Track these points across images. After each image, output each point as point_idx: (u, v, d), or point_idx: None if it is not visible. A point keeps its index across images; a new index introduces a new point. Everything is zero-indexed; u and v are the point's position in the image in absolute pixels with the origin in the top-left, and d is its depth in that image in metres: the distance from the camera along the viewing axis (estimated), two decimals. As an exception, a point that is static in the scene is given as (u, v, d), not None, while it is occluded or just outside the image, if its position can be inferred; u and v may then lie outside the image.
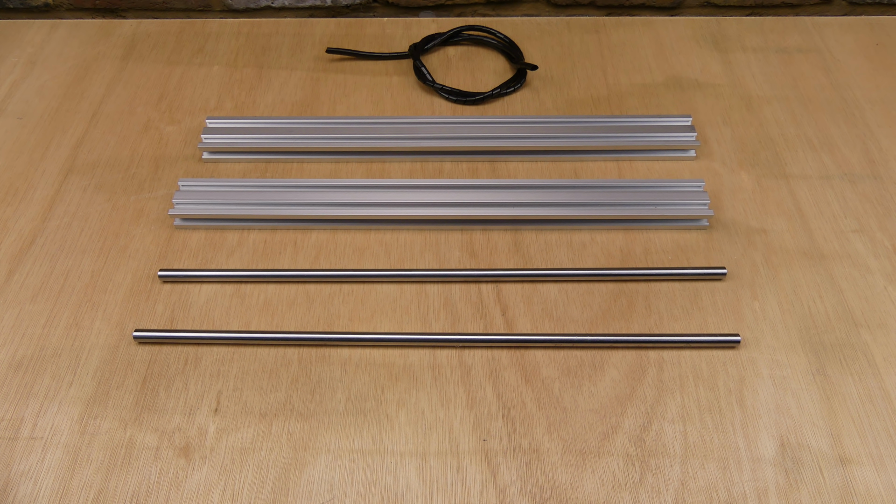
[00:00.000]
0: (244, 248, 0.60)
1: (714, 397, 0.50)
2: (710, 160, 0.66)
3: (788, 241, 0.59)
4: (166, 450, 0.48)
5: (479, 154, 0.66)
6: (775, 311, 0.55)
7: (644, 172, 0.65)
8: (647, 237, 0.60)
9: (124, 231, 0.61)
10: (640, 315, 0.55)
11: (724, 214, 0.61)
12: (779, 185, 0.64)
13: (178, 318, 0.55)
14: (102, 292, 0.57)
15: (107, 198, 0.64)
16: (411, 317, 0.55)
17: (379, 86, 0.74)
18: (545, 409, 0.50)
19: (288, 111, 0.71)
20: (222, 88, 0.74)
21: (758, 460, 0.47)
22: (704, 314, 0.55)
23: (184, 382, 0.52)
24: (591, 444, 0.48)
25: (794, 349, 0.53)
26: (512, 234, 0.60)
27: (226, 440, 0.49)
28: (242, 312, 0.55)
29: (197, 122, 0.70)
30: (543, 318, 0.55)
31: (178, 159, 0.67)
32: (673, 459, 0.47)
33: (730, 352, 0.53)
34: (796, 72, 0.74)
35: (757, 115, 0.70)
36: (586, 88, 0.73)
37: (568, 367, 0.52)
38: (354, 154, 0.67)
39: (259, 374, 0.52)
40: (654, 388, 0.51)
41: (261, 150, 0.66)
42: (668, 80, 0.74)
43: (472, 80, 0.75)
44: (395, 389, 0.51)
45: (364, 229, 0.61)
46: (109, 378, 0.52)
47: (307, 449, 0.48)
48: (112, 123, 0.70)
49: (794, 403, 0.50)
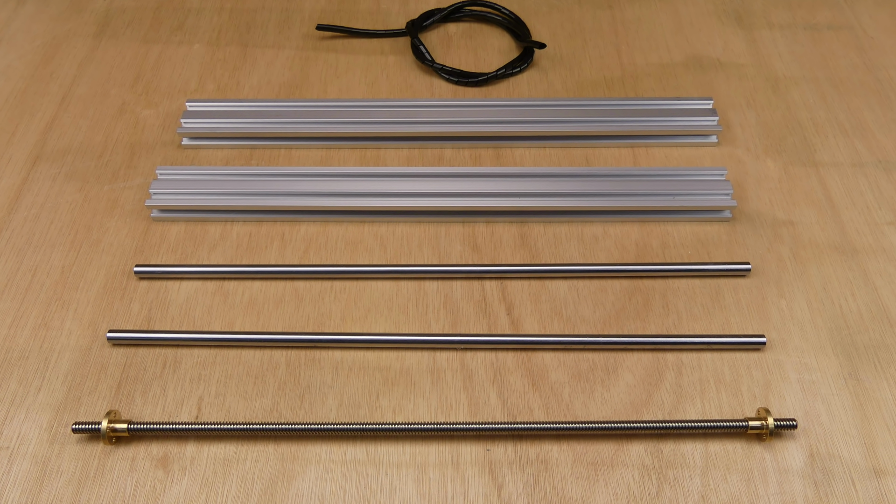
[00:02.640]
0: (227, 242, 0.60)
1: (737, 403, 0.50)
2: (733, 146, 0.66)
3: (818, 234, 0.59)
4: (143, 460, 0.48)
5: (483, 140, 0.66)
6: (804, 310, 0.55)
7: (661, 160, 0.65)
8: (665, 230, 0.60)
9: (97, 223, 0.61)
10: (656, 314, 0.55)
11: (748, 205, 0.61)
12: (807, 174, 0.64)
13: (156, 318, 0.55)
14: (73, 290, 0.57)
15: (78, 187, 0.63)
16: (408, 316, 0.55)
17: (373, 66, 0.74)
18: (554, 416, 0.50)
19: (275, 93, 0.71)
20: (203, 69, 0.73)
21: (785, 472, 0.47)
22: (727, 313, 0.55)
23: (162, 387, 0.52)
24: (603, 455, 0.48)
25: (824, 351, 0.53)
26: (518, 227, 0.60)
27: (207, 450, 0.49)
28: (225, 311, 0.56)
29: (176, 105, 0.70)
30: (552, 318, 0.55)
31: (156, 145, 0.67)
32: (693, 471, 0.47)
33: (754, 354, 0.53)
34: (827, 50, 0.74)
35: (784, 97, 0.70)
36: (598, 69, 0.73)
37: (579, 371, 0.52)
38: (347, 140, 0.67)
39: (243, 378, 0.52)
40: (673, 394, 0.51)
41: (245, 136, 0.66)
42: (687, 60, 0.74)
43: (475, 59, 0.74)
44: (390, 395, 0.51)
45: (357, 221, 0.61)
46: (81, 383, 0.52)
47: (295, 460, 0.48)
48: (84, 107, 0.70)
49: (825, 410, 0.50)
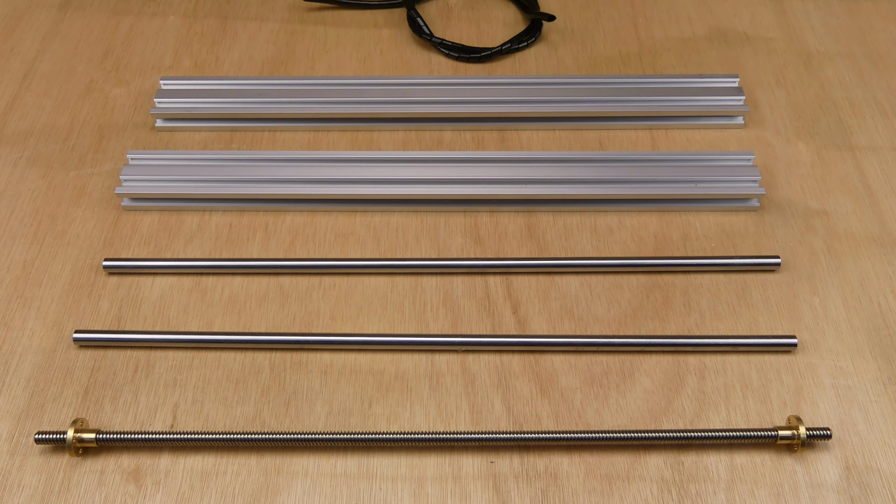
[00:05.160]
0: (205, 234, 0.60)
1: (766, 411, 0.50)
2: (762, 129, 0.66)
3: (855, 224, 0.59)
4: (112, 473, 0.48)
5: (486, 122, 0.67)
6: (839, 309, 0.55)
7: (682, 143, 0.65)
8: (686, 220, 0.60)
9: (62, 213, 0.61)
10: (677, 313, 0.55)
11: (777, 193, 0.61)
12: (843, 159, 0.64)
13: (127, 317, 0.55)
14: (36, 286, 0.57)
15: (41, 174, 0.63)
16: (404, 315, 0.55)
17: (366, 40, 0.74)
18: (564, 425, 0.50)
19: (257, 70, 0.71)
20: (179, 43, 0.74)
21: (818, 486, 0.47)
22: (754, 312, 0.55)
23: (133, 393, 0.52)
24: (619, 468, 0.48)
25: (861, 354, 0.53)
26: (525, 217, 0.60)
27: (184, 462, 0.49)
28: (203, 310, 0.56)
29: (149, 83, 0.70)
30: (562, 317, 0.55)
31: (127, 127, 0.67)
32: (717, 485, 0.47)
33: (784, 357, 0.53)
34: (864, 23, 0.74)
35: (817, 74, 0.70)
36: (613, 43, 0.73)
37: (591, 376, 0.52)
38: (337, 122, 0.67)
39: (223, 383, 0.52)
40: (695, 401, 0.51)
41: (225, 117, 0.66)
42: (710, 33, 0.74)
43: (478, 33, 0.74)
44: (385, 402, 0.51)
45: (348, 211, 0.61)
46: (45, 388, 0.52)
47: (280, 473, 0.48)
48: (48, 85, 0.70)
49: (862, 419, 0.50)
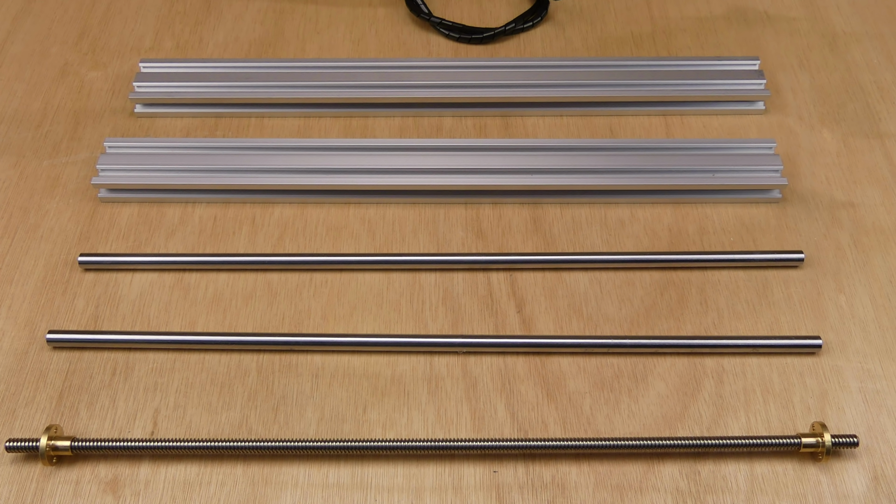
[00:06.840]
0: (188, 227, 0.60)
1: (788, 417, 0.50)
2: (784, 115, 0.66)
3: (883, 217, 0.59)
4: (89, 484, 0.48)
5: (489, 107, 0.67)
6: (866, 308, 0.55)
7: (699, 130, 0.65)
8: (703, 213, 0.60)
9: (35, 205, 0.61)
10: (693, 312, 0.55)
11: (800, 184, 0.61)
12: (871, 147, 0.64)
13: (104, 316, 0.55)
14: (7, 283, 0.57)
15: (12, 163, 0.64)
16: (401, 314, 0.55)
17: (360, 20, 0.74)
18: (572, 432, 0.50)
19: (244, 52, 0.71)
20: (160, 23, 0.74)
21: (844, 497, 0.48)
22: (776, 311, 0.55)
23: (111, 398, 0.52)
24: (631, 478, 0.48)
25: (890, 356, 0.53)
26: (530, 209, 0.60)
27: (165, 472, 0.49)
28: (186, 308, 0.56)
29: (128, 65, 0.70)
30: (570, 316, 0.55)
31: (104, 113, 0.67)
32: (736, 496, 0.48)
33: (808, 359, 0.53)
34: (893, 1, 0.74)
35: (843, 57, 0.70)
36: (625, 23, 0.73)
37: (602, 379, 0.52)
38: (329, 107, 0.67)
39: (207, 387, 0.52)
40: (712, 406, 0.51)
41: (209, 102, 0.66)
42: (729, 12, 0.74)
43: (480, 12, 0.74)
44: (380, 407, 0.51)
45: (341, 202, 0.61)
46: (16, 392, 0.52)
47: (268, 483, 0.48)
48: (19, 68, 0.70)
49: (891, 425, 0.50)
